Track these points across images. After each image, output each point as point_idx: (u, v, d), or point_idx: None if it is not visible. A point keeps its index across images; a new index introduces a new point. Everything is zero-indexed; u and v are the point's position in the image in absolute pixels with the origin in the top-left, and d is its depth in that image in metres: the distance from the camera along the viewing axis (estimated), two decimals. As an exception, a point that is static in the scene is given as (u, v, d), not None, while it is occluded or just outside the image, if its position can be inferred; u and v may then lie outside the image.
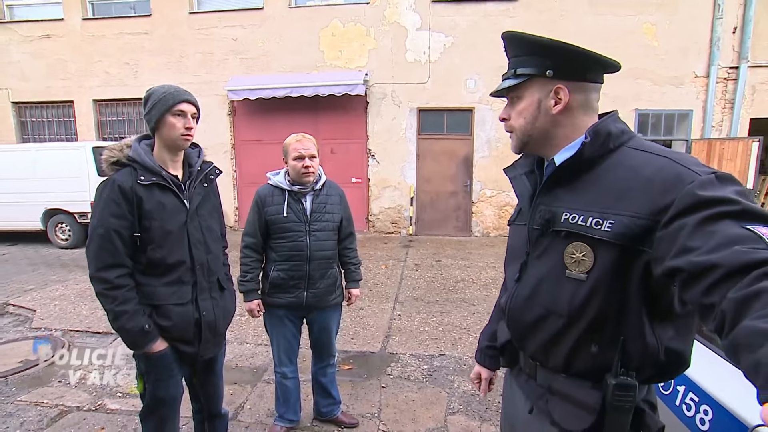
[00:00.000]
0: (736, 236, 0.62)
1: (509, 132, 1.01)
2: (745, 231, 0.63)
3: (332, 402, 2.44)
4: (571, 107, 0.92)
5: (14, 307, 4.54)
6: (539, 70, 0.91)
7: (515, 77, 0.95)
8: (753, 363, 0.48)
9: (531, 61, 0.92)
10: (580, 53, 0.90)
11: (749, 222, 0.64)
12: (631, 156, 0.86)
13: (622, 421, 0.83)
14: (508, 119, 1.00)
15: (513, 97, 0.98)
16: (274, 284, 2.13)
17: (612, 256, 0.81)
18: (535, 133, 0.96)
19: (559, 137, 0.94)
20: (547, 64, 0.91)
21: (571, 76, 0.91)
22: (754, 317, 0.52)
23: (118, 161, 1.50)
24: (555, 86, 0.91)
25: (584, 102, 0.93)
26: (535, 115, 0.94)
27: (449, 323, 3.97)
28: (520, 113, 0.96)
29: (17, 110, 9.38)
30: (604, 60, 0.91)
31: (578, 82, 0.92)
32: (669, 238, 0.71)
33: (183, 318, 1.54)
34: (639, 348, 0.83)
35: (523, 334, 0.98)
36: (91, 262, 1.44)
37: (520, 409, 1.04)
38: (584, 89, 0.92)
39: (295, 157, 2.06)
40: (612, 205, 0.82)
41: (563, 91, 0.91)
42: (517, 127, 0.97)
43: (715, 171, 0.75)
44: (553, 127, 0.94)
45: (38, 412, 2.60)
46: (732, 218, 0.66)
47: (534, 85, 0.93)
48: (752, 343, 0.50)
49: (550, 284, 0.91)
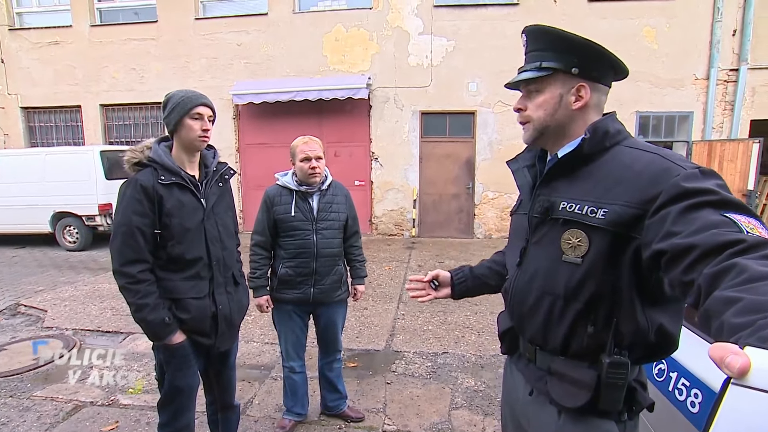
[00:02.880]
0: (714, 222, 0.69)
1: (523, 123, 1.04)
2: (723, 217, 0.70)
3: (339, 396, 2.50)
4: (588, 105, 0.98)
5: (26, 308, 4.63)
6: (565, 66, 0.95)
7: (539, 70, 0.97)
8: (718, 325, 0.55)
9: (557, 56, 0.95)
10: (605, 55, 0.95)
11: (727, 210, 0.71)
12: (624, 153, 0.93)
13: (616, 397, 0.90)
14: (524, 110, 1.02)
15: (531, 90, 1.01)
16: (282, 280, 2.21)
17: (605, 241, 0.88)
18: (552, 125, 0.99)
19: (571, 132, 1.00)
20: (574, 62, 0.94)
21: (593, 76, 0.97)
22: (723, 288, 0.59)
23: (140, 162, 1.59)
24: (578, 84, 0.96)
25: (598, 102, 0.99)
26: (555, 109, 0.98)
27: (452, 322, 4.03)
28: (540, 105, 0.99)
29: (26, 115, 9.54)
30: (622, 66, 0.98)
31: (596, 82, 0.97)
32: (656, 225, 0.78)
33: (201, 311, 1.62)
34: (631, 329, 0.90)
35: (524, 316, 1.05)
36: (114, 257, 1.52)
37: (521, 392, 1.11)
38: (600, 90, 0.99)
39: (302, 158, 2.15)
40: (606, 195, 0.89)
41: (585, 90, 0.96)
42: (536, 118, 1.00)
43: (698, 166, 0.83)
44: (569, 122, 0.99)
45: (54, 407, 2.68)
46: (712, 207, 0.73)
47: (557, 80, 0.97)
48: (719, 310, 0.56)
49: (549, 268, 0.98)
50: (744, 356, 0.39)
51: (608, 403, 0.90)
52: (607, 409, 0.91)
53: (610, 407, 0.91)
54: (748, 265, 0.58)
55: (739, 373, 0.38)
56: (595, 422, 0.94)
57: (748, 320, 0.50)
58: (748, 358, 0.39)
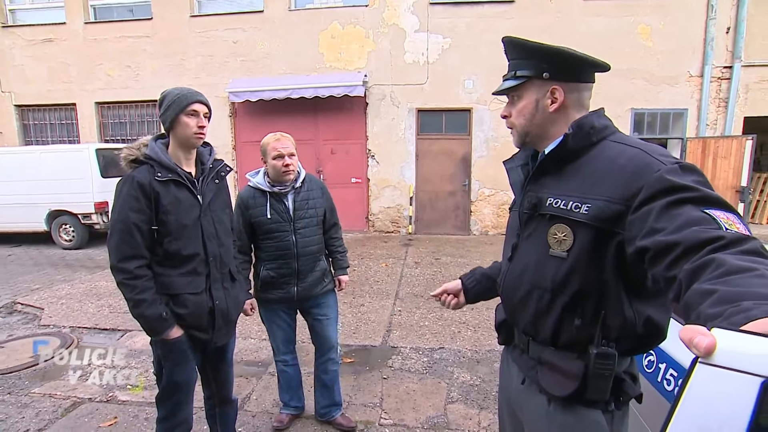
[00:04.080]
0: (696, 218, 0.72)
1: (510, 128, 1.10)
2: (703, 214, 0.72)
3: (332, 404, 2.42)
4: (565, 105, 1.01)
5: (22, 306, 4.63)
6: (536, 73, 1.00)
7: (515, 78, 1.04)
8: (695, 317, 0.58)
9: (529, 64, 1.01)
10: (572, 56, 0.99)
11: (707, 206, 0.73)
12: (610, 147, 0.95)
13: (603, 387, 0.93)
14: (509, 116, 1.09)
15: (513, 96, 1.07)
16: (266, 282, 2.19)
17: (589, 236, 0.90)
18: (533, 129, 1.05)
19: (554, 132, 1.03)
20: (543, 67, 0.99)
21: (566, 77, 1.00)
22: (701, 281, 0.61)
23: (137, 159, 1.60)
24: (551, 87, 1.00)
25: (577, 100, 1.02)
26: (533, 113, 1.04)
27: (448, 318, 4.06)
28: (520, 111, 1.05)
29: (20, 113, 9.47)
30: (594, 61, 1.01)
31: (572, 82, 1.01)
32: (638, 221, 0.80)
33: (198, 306, 1.64)
34: (618, 321, 0.92)
35: (515, 308, 1.08)
36: (112, 253, 1.53)
37: (515, 381, 1.14)
38: (577, 89, 1.02)
39: (274, 156, 2.09)
40: (590, 191, 0.91)
41: (559, 92, 1.00)
42: (518, 124, 1.07)
43: (679, 161, 0.84)
44: (549, 124, 1.03)
45: (52, 403, 2.69)
46: (692, 203, 0.75)
47: (532, 86, 1.02)
48: (697, 302, 0.59)
49: (537, 262, 1.01)
50: (711, 336, 0.41)
51: (595, 392, 0.93)
52: (594, 398, 0.94)
53: (596, 397, 0.93)
54: (726, 259, 0.61)
55: (705, 352, 0.41)
56: (582, 411, 0.96)
57: (720, 310, 0.53)
58: (714, 338, 0.41)
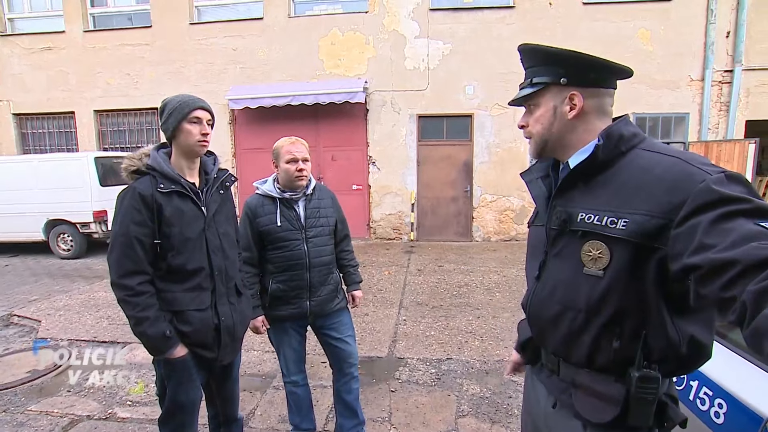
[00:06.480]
0: (751, 233, 0.65)
1: (528, 138, 1.05)
2: (760, 228, 0.66)
3: (357, 423, 2.28)
4: (585, 112, 0.96)
5: (19, 318, 4.53)
6: (554, 78, 0.96)
7: (531, 86, 1.00)
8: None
9: (546, 71, 0.97)
10: (590, 61, 0.94)
11: (762, 219, 0.67)
12: (642, 157, 0.89)
13: (646, 413, 0.86)
14: (526, 126, 1.04)
15: (531, 105, 1.03)
16: (275, 296, 2.05)
17: (627, 253, 0.84)
18: (551, 138, 1.00)
19: (575, 141, 0.98)
20: (560, 73, 0.95)
21: (584, 82, 0.95)
22: None
23: (138, 170, 1.53)
24: (569, 93, 0.95)
25: (598, 107, 0.97)
26: (551, 121, 0.99)
27: (455, 327, 3.99)
28: (538, 120, 1.01)
29: (18, 122, 9.42)
30: (614, 66, 0.95)
31: (591, 88, 0.96)
32: (684, 237, 0.74)
33: (203, 323, 1.56)
34: (661, 342, 0.85)
35: (543, 329, 1.01)
36: (112, 269, 1.46)
37: (543, 404, 1.07)
38: (597, 94, 0.97)
39: (288, 159, 1.99)
40: (626, 205, 0.85)
41: (577, 97, 0.95)
42: (535, 133, 1.02)
43: (724, 170, 0.78)
44: (568, 132, 0.98)
45: (49, 422, 2.60)
46: (745, 216, 0.69)
47: (550, 93, 0.98)
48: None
49: (569, 281, 0.94)
50: None
51: (638, 418, 0.86)
52: (637, 425, 0.87)
53: (640, 423, 0.87)
54: None
55: None
56: None
57: None
58: None
